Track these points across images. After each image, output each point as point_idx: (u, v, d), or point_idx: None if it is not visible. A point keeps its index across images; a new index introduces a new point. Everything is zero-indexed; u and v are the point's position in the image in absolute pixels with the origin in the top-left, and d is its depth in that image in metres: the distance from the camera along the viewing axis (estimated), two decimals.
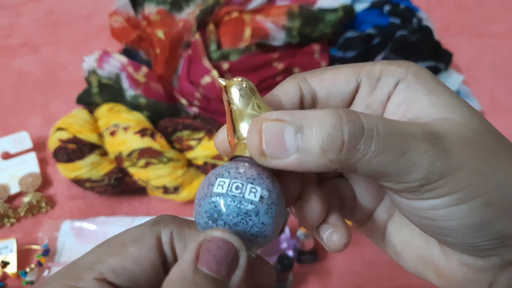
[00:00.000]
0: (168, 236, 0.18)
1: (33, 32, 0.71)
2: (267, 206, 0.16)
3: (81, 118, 0.51)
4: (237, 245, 0.15)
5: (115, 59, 0.54)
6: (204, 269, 0.15)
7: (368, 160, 0.15)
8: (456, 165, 0.16)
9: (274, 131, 0.16)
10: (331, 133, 0.15)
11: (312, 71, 0.20)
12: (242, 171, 0.17)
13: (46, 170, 0.54)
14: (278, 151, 0.16)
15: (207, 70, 0.51)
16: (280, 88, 0.20)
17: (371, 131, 0.15)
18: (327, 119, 0.15)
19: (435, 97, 0.18)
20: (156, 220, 0.19)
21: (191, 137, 0.50)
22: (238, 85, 0.18)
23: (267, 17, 0.53)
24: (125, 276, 0.17)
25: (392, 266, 0.47)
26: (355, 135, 0.15)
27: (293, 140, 0.16)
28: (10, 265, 0.45)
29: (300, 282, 0.45)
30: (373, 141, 0.15)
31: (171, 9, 0.57)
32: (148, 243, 0.18)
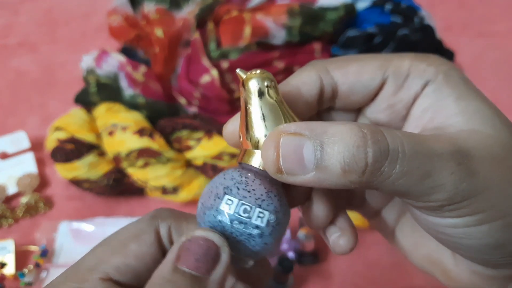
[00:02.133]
0: (166, 230, 0.18)
1: (31, 31, 0.70)
2: (272, 228, 0.16)
3: (79, 118, 0.51)
4: (218, 242, 0.16)
5: (114, 58, 0.54)
6: (183, 268, 0.15)
7: (391, 182, 0.15)
8: (482, 186, 0.15)
9: (292, 147, 0.15)
10: (354, 154, 0.14)
11: (335, 59, 0.19)
12: (251, 189, 0.16)
13: (44, 171, 0.54)
14: (296, 167, 0.15)
15: (206, 69, 0.50)
16: (298, 77, 0.19)
17: (396, 153, 0.14)
18: (350, 137, 0.14)
19: (465, 103, 0.17)
20: (154, 214, 0.19)
21: (190, 137, 0.49)
22: (258, 80, 0.16)
23: (267, 15, 0.52)
24: (129, 273, 0.17)
25: (394, 267, 0.46)
26: (380, 158, 0.14)
27: (312, 157, 0.14)
28: (7, 266, 0.44)
29: (300, 284, 0.45)
30: (398, 163, 0.14)
31: (170, 7, 0.56)
32: (148, 239, 0.18)
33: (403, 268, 0.46)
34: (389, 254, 0.47)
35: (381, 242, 0.48)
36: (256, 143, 0.16)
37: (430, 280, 0.46)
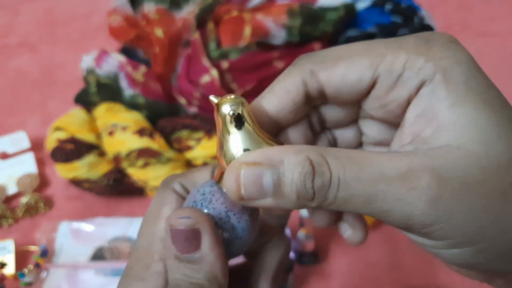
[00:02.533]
0: (179, 187, 0.21)
1: (31, 31, 0.70)
2: (227, 242, 0.19)
3: (79, 118, 0.51)
4: (190, 223, 0.17)
5: (114, 58, 0.54)
6: (176, 253, 0.17)
7: (338, 206, 0.16)
8: (444, 215, 0.14)
9: (252, 177, 0.16)
10: (304, 185, 0.15)
11: (324, 55, 0.18)
12: (212, 207, 0.19)
13: (44, 171, 0.54)
14: (256, 195, 0.16)
15: (206, 69, 0.50)
16: (281, 84, 0.19)
17: (336, 181, 0.15)
18: (302, 168, 0.15)
19: (459, 112, 0.15)
20: (163, 183, 0.21)
21: (190, 137, 0.49)
22: (230, 106, 0.17)
23: (267, 15, 0.52)
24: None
25: (394, 267, 0.46)
26: (322, 188, 0.15)
27: (270, 186, 0.16)
28: (7, 266, 0.44)
29: (301, 284, 0.45)
30: (339, 190, 0.15)
31: (170, 7, 0.56)
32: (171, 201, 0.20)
33: (403, 268, 0.46)
34: (389, 254, 0.47)
35: (381, 242, 0.48)
36: (228, 163, 0.18)
37: (430, 280, 0.46)
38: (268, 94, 0.19)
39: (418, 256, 0.47)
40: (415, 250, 0.47)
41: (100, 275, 0.45)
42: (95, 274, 0.45)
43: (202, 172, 0.21)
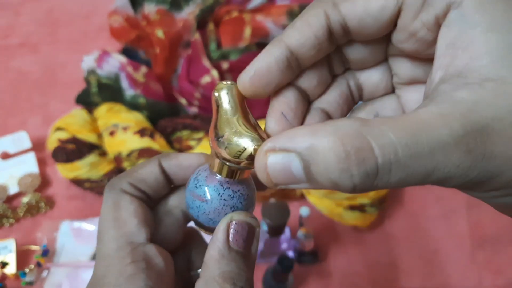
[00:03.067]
0: (128, 186, 0.21)
1: (32, 32, 0.71)
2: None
3: (80, 118, 0.51)
4: (254, 223, 0.19)
5: (115, 58, 0.54)
6: (235, 246, 0.19)
7: (392, 186, 0.14)
8: (498, 170, 0.13)
9: (280, 166, 0.15)
10: (339, 177, 0.14)
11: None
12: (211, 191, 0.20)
13: (45, 170, 0.54)
14: (288, 181, 0.15)
15: (206, 69, 0.51)
16: (304, 18, 0.17)
17: (388, 165, 0.13)
18: (333, 159, 0.13)
19: (497, 38, 0.13)
20: (109, 184, 0.21)
21: (191, 137, 0.50)
22: (227, 89, 0.18)
23: (267, 16, 0.53)
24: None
25: (393, 267, 0.46)
26: (367, 178, 0.13)
27: (301, 173, 0.14)
28: (9, 266, 0.45)
29: (300, 283, 0.45)
30: (391, 174, 0.13)
31: (170, 8, 0.57)
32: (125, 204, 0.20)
33: (402, 268, 0.46)
34: (389, 254, 0.47)
35: (381, 242, 0.48)
36: (223, 148, 0.18)
37: (429, 280, 0.46)
38: (290, 29, 0.17)
39: (417, 256, 0.47)
40: (415, 250, 0.48)
41: None
42: None
43: (148, 168, 0.21)
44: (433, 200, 0.50)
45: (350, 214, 0.46)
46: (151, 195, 0.21)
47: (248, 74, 0.17)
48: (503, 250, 0.47)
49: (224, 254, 0.18)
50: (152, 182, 0.21)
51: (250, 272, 0.19)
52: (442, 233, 0.48)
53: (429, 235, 0.48)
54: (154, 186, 0.21)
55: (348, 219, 0.46)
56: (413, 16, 0.16)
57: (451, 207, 0.50)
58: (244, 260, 0.19)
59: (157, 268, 0.19)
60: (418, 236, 0.48)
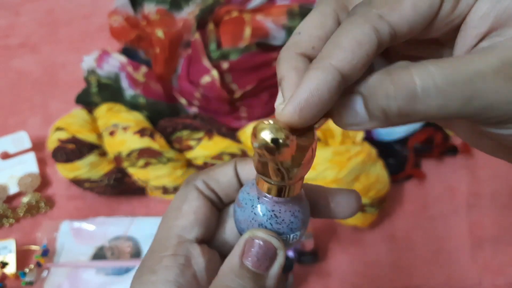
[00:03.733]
0: (202, 183, 0.21)
1: (32, 32, 0.71)
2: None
3: (80, 118, 0.51)
4: (276, 245, 0.18)
5: (115, 58, 0.54)
6: (248, 264, 0.18)
7: (433, 114, 0.15)
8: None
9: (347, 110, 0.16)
10: (387, 104, 0.15)
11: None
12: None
13: (45, 170, 0.54)
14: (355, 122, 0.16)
15: (207, 69, 0.51)
16: (350, 36, 0.16)
17: (427, 90, 0.14)
18: (381, 88, 0.15)
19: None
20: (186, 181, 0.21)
21: (191, 137, 0.50)
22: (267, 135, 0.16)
23: (267, 16, 0.53)
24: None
25: (393, 267, 0.46)
26: (409, 100, 0.15)
27: (362, 109, 0.16)
28: (9, 266, 0.45)
29: (300, 283, 0.45)
30: (431, 98, 0.14)
31: (170, 8, 0.57)
32: (192, 196, 0.21)
33: (403, 268, 0.46)
34: (389, 254, 0.47)
35: (381, 242, 0.48)
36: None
37: (429, 280, 0.46)
38: (336, 49, 0.16)
39: (417, 256, 0.47)
40: (415, 250, 0.48)
41: (101, 274, 0.45)
42: (96, 273, 0.45)
43: (224, 169, 0.21)
44: (433, 200, 0.50)
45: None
46: (222, 197, 0.21)
47: (296, 105, 0.15)
48: (503, 250, 0.47)
49: (233, 269, 0.18)
50: (224, 183, 0.21)
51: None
52: (442, 233, 0.48)
53: (429, 235, 0.48)
54: (226, 188, 0.21)
55: (348, 219, 0.46)
56: (453, 6, 0.16)
57: (451, 207, 0.50)
58: (254, 280, 0.18)
59: (195, 268, 0.19)
60: (418, 236, 0.48)
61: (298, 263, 0.45)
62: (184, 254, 0.19)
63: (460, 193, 0.51)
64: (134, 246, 0.47)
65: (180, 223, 0.19)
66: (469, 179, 0.51)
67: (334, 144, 0.48)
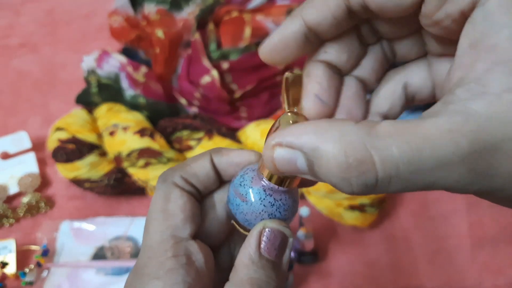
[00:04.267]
0: (179, 179, 0.21)
1: (32, 32, 0.71)
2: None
3: (80, 118, 0.51)
4: (287, 233, 0.19)
5: (115, 58, 0.54)
6: (265, 254, 0.19)
7: (389, 192, 0.16)
8: (500, 187, 0.14)
9: (286, 161, 0.16)
10: (339, 183, 0.15)
11: None
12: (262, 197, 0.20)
13: (45, 170, 0.54)
14: (295, 173, 0.16)
15: (207, 69, 0.51)
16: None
17: (387, 179, 0.14)
18: (335, 167, 0.14)
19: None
20: (162, 178, 0.21)
21: (191, 137, 0.50)
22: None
23: (267, 16, 0.53)
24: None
25: (393, 267, 0.46)
26: (366, 188, 0.14)
27: (305, 169, 0.16)
28: (9, 266, 0.45)
29: (300, 283, 0.45)
30: (390, 186, 0.14)
31: (170, 8, 0.57)
32: (175, 197, 0.20)
33: (403, 268, 0.46)
34: (389, 254, 0.47)
35: (381, 242, 0.48)
36: None
37: (429, 280, 0.46)
38: (308, 4, 0.17)
39: (417, 256, 0.47)
40: (415, 250, 0.48)
41: (101, 274, 0.45)
42: (96, 273, 0.45)
43: (200, 162, 0.21)
44: (433, 200, 0.50)
45: (350, 214, 0.46)
46: (201, 190, 0.21)
47: (266, 47, 0.18)
48: (503, 250, 0.47)
49: (254, 261, 0.18)
50: (203, 177, 0.21)
51: (279, 282, 0.19)
52: (442, 233, 0.48)
53: (429, 235, 0.48)
54: (204, 181, 0.21)
55: (348, 219, 0.46)
56: (437, 5, 0.15)
57: (451, 207, 0.50)
58: (274, 269, 0.19)
59: (196, 265, 0.19)
60: (418, 236, 0.48)
61: (298, 263, 0.45)
62: (184, 253, 0.19)
63: None
64: (134, 246, 0.47)
65: (171, 223, 0.19)
66: None
67: None
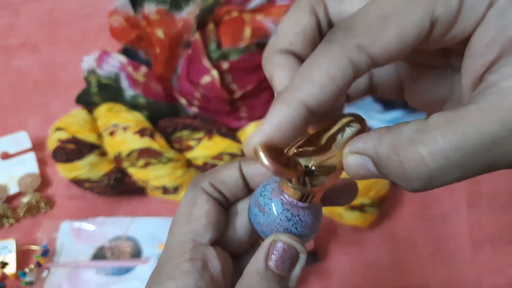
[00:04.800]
0: (209, 186, 0.21)
1: (32, 32, 0.71)
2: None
3: (80, 118, 0.51)
4: (299, 249, 0.19)
5: (115, 58, 0.54)
6: (273, 267, 0.19)
7: (453, 182, 0.15)
8: None
9: (359, 166, 0.16)
10: (400, 181, 0.15)
11: (363, 23, 0.15)
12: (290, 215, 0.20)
13: (45, 170, 0.54)
14: (368, 176, 0.17)
15: (207, 69, 0.51)
16: (322, 69, 0.15)
17: (441, 169, 0.14)
18: (391, 166, 0.15)
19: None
20: (193, 183, 0.21)
21: (191, 137, 0.50)
22: None
23: (267, 16, 0.53)
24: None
25: (393, 267, 0.46)
26: (422, 182, 0.15)
27: (376, 171, 0.16)
28: (9, 266, 0.45)
29: (300, 283, 0.45)
30: (447, 175, 0.14)
31: (170, 8, 0.57)
32: (202, 201, 0.21)
33: (403, 268, 0.46)
34: (389, 254, 0.47)
35: (381, 242, 0.48)
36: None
37: (429, 280, 0.46)
38: (306, 83, 0.15)
39: (417, 256, 0.47)
40: (415, 250, 0.48)
41: (101, 274, 0.45)
42: (96, 273, 0.45)
43: (229, 170, 0.21)
44: (433, 200, 0.50)
45: (350, 214, 0.46)
46: (229, 197, 0.21)
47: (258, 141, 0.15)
48: (503, 250, 0.47)
49: (259, 272, 0.18)
50: (231, 184, 0.21)
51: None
52: (442, 233, 0.48)
53: (429, 235, 0.48)
54: (232, 189, 0.21)
55: (348, 219, 0.46)
56: (448, 28, 0.15)
57: (451, 207, 0.50)
58: (279, 282, 0.18)
59: (212, 271, 0.19)
60: (418, 236, 0.48)
61: None
62: (201, 258, 0.19)
63: (460, 193, 0.51)
64: (134, 246, 0.47)
65: (193, 227, 0.20)
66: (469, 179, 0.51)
67: None
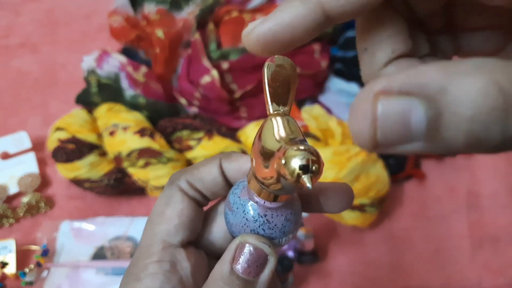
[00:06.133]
0: (185, 183, 0.20)
1: (32, 32, 0.71)
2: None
3: (80, 118, 0.51)
4: (267, 251, 0.18)
5: (114, 58, 0.54)
6: (238, 271, 0.17)
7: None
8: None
9: (395, 115, 0.11)
10: (488, 128, 0.10)
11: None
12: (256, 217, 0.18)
13: (45, 170, 0.54)
14: (398, 138, 0.11)
15: (207, 69, 0.51)
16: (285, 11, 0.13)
17: None
18: (484, 105, 0.10)
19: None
20: (170, 181, 0.21)
21: (191, 137, 0.50)
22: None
23: None
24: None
25: (393, 267, 0.46)
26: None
27: (423, 126, 0.10)
28: (9, 266, 0.45)
29: (300, 283, 0.45)
30: None
31: (170, 8, 0.57)
32: (177, 199, 0.20)
33: (402, 268, 0.46)
34: (389, 254, 0.47)
35: (381, 242, 0.48)
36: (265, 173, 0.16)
37: (429, 280, 0.46)
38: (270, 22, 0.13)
39: (417, 256, 0.47)
40: (415, 250, 0.48)
41: (100, 274, 0.45)
42: (96, 273, 0.45)
43: (208, 167, 0.20)
44: (433, 200, 0.50)
45: (350, 214, 0.46)
46: (207, 195, 0.20)
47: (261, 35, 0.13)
48: (503, 250, 0.47)
49: (223, 276, 0.17)
50: (209, 182, 0.20)
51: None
52: (442, 233, 0.48)
53: (429, 235, 0.48)
54: (211, 187, 0.20)
55: (348, 219, 0.46)
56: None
57: (451, 207, 0.50)
58: (244, 286, 0.17)
59: (181, 273, 0.18)
60: (418, 236, 0.48)
61: (298, 263, 0.45)
62: (169, 260, 0.18)
63: (460, 193, 0.51)
64: (134, 246, 0.47)
65: (164, 228, 0.19)
66: (469, 179, 0.51)
67: (334, 144, 0.48)
